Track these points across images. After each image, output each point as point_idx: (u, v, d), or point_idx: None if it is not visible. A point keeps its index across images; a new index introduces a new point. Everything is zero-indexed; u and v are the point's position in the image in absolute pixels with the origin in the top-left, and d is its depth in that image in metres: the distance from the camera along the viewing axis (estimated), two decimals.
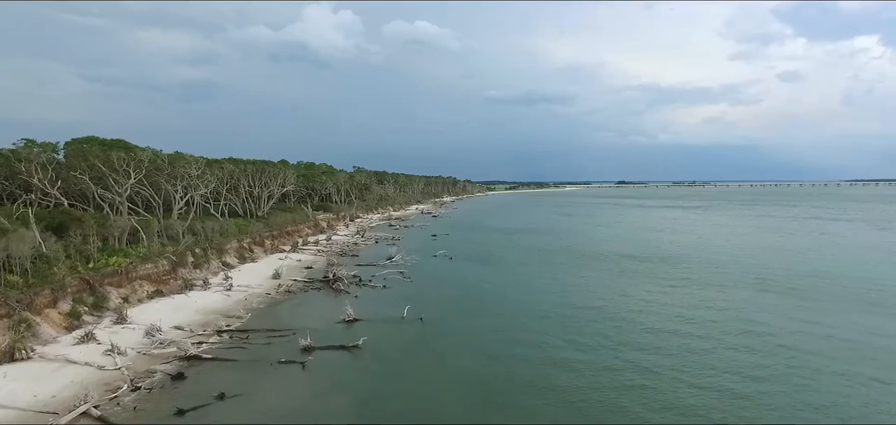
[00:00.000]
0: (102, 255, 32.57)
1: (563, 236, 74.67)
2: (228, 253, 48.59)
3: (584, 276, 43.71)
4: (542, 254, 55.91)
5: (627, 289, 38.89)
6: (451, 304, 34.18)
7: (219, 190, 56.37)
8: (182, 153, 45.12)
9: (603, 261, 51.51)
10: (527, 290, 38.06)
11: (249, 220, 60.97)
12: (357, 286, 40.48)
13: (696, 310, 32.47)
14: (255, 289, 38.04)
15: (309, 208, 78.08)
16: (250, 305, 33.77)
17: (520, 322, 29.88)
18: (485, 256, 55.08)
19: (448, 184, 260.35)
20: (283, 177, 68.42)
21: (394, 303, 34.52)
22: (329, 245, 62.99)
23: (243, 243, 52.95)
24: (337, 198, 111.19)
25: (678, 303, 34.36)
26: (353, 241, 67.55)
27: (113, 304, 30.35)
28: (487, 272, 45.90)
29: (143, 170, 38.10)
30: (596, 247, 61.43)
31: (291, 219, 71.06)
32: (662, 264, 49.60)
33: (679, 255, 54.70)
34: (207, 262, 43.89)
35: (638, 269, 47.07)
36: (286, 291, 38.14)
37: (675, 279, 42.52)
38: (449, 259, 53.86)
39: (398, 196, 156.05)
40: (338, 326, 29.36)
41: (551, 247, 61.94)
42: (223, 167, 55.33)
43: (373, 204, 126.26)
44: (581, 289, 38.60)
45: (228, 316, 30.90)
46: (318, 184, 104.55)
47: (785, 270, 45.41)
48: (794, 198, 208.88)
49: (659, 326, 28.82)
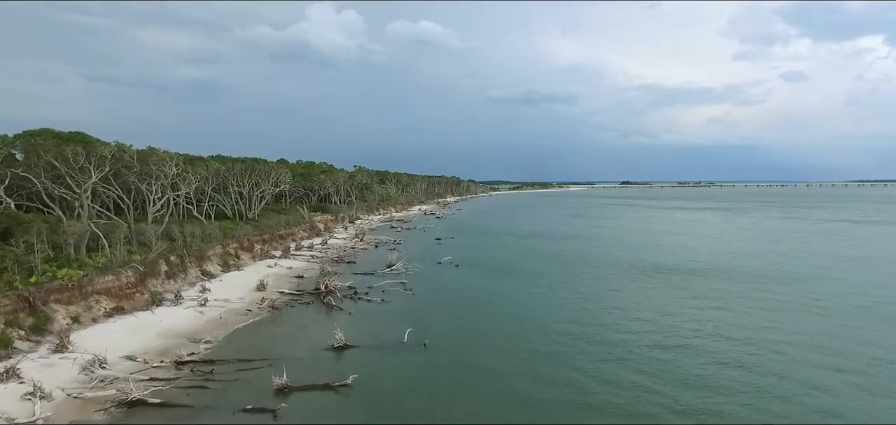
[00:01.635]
0: (51, 267, 27.65)
1: (580, 241, 68.66)
2: (210, 260, 43.72)
3: (618, 292, 37.39)
4: (560, 263, 50.50)
5: (684, 311, 31.63)
6: (460, 325, 29.15)
7: (204, 189, 51.52)
8: (155, 149, 40.29)
9: (638, 274, 44.35)
10: (549, 309, 32.76)
11: (238, 223, 56.14)
12: (352, 300, 35.54)
13: (807, 347, 24.34)
14: (233, 304, 33.13)
15: (305, 209, 73.21)
16: (225, 325, 28.84)
17: (545, 350, 24.81)
18: (495, 264, 49.89)
19: (451, 184, 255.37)
20: (276, 176, 63.53)
21: (393, 322, 29.55)
22: (324, 250, 58.05)
23: (228, 249, 48.07)
24: (336, 199, 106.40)
25: (775, 334, 26.29)
26: (350, 246, 62.61)
27: (59, 326, 25.49)
28: (500, 284, 40.70)
29: (107, 166, 33.21)
30: (623, 255, 54.83)
31: (285, 221, 66.20)
32: (722, 279, 41.52)
33: (736, 268, 46.73)
34: (184, 272, 39.01)
35: (691, 286, 38.78)
36: (270, 306, 33.20)
37: (748, 300, 34.20)
38: (455, 267, 48.83)
39: (400, 196, 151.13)
40: (325, 354, 24.41)
41: (569, 255, 56.22)
42: (208, 165, 50.48)
43: (374, 204, 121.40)
44: (618, 308, 32.57)
45: (195, 340, 25.97)
46: (316, 184, 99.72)
47: (886, 289, 37.24)
48: (807, 199, 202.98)
49: (767, 371, 21.78)
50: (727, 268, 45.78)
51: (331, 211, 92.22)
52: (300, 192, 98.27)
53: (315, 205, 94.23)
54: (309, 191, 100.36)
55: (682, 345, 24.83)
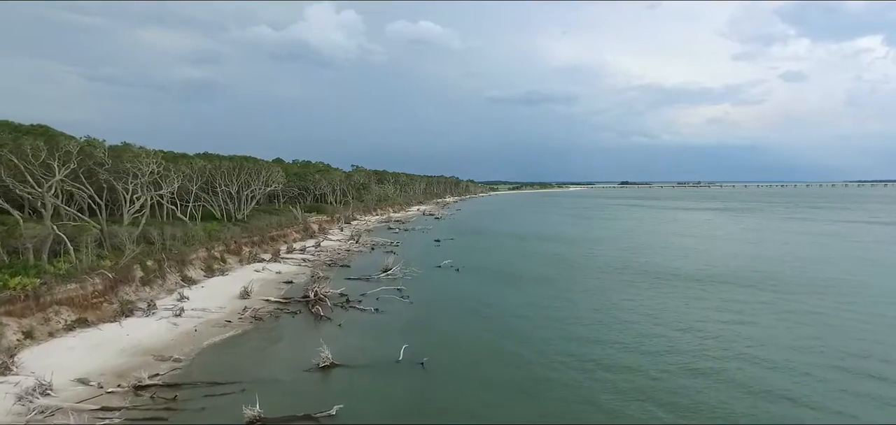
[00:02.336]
0: (2, 275, 24.64)
1: (586, 244, 65.07)
2: (193, 264, 40.72)
3: (633, 302, 33.95)
4: (567, 268, 47.36)
5: (708, 326, 27.79)
6: (462, 341, 26.17)
7: (188, 189, 48.50)
8: (130, 144, 37.25)
9: (653, 281, 40.49)
10: (559, 322, 29.65)
11: (226, 225, 53.11)
12: (343, 309, 32.56)
13: (856, 371, 21.12)
14: (212, 314, 30.13)
15: (298, 209, 70.20)
16: (199, 339, 25.86)
17: (556, 375, 21.85)
18: (499, 269, 46.85)
19: (450, 184, 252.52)
20: (267, 174, 60.52)
21: (387, 336, 26.58)
22: (317, 253, 55.07)
23: (213, 252, 45.07)
24: (332, 199, 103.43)
25: (817, 355, 23.04)
26: (345, 248, 59.63)
27: (7, 343, 22.49)
28: (504, 292, 37.64)
29: (72, 162, 30.17)
30: (634, 259, 51.24)
31: (277, 222, 63.20)
32: (744, 287, 37.50)
33: (756, 273, 42.67)
34: (162, 278, 36.00)
35: (711, 295, 35.02)
36: (253, 317, 30.21)
37: (778, 311, 30.49)
38: (455, 271, 45.83)
39: (398, 196, 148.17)
40: (308, 376, 21.44)
41: (576, 258, 52.99)
42: (192, 163, 47.44)
43: (371, 204, 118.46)
44: (635, 323, 29.23)
45: (163, 357, 22.97)
46: (311, 184, 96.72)
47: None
48: (810, 200, 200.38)
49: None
50: (747, 275, 42.65)
51: (326, 211, 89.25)
52: (295, 192, 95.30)
53: (310, 206, 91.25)
54: (304, 191, 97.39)
55: (712, 370, 21.83)
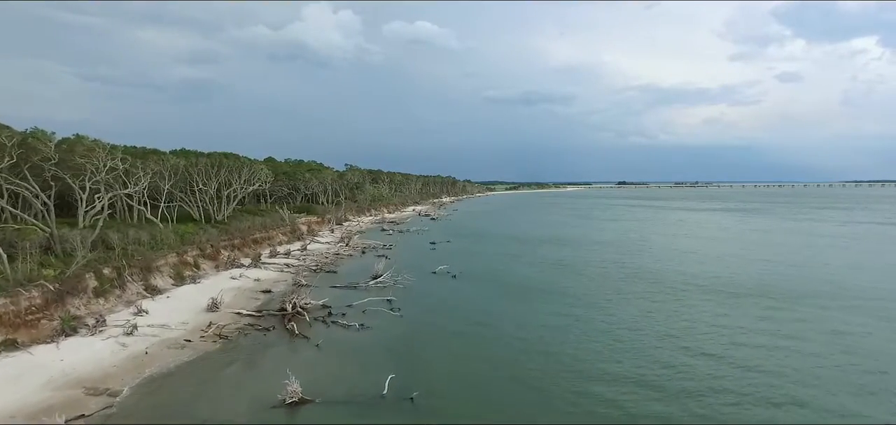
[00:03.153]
0: None
1: (593, 247, 60.53)
2: (160, 272, 36.62)
3: (654, 317, 29.68)
4: (575, 275, 43.07)
5: (756, 357, 22.34)
6: (459, 367, 22.18)
7: (159, 188, 44.37)
8: (83, 137, 33.13)
9: (674, 292, 35.70)
10: (574, 344, 25.46)
11: (204, 227, 49.01)
12: (324, 324, 28.57)
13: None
14: (171, 332, 26.08)
15: (285, 210, 66.10)
16: (148, 365, 21.81)
17: (577, 412, 17.93)
18: (498, 276, 42.83)
19: (447, 183, 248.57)
20: (249, 172, 56.38)
21: (372, 361, 22.60)
22: (303, 257, 51.00)
23: (186, 257, 40.97)
24: (324, 199, 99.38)
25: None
26: (334, 252, 55.56)
27: None
28: (506, 305, 33.58)
29: (11, 156, 26.07)
30: (649, 265, 46.71)
31: (261, 223, 59.10)
32: (779, 300, 32.45)
33: (787, 283, 37.80)
34: (121, 288, 31.91)
35: (746, 311, 29.94)
36: (218, 335, 26.18)
37: (828, 332, 25.99)
38: (452, 278, 41.83)
39: (393, 196, 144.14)
40: (271, 415, 17.45)
41: (583, 264, 48.63)
42: (164, 159, 43.29)
43: (365, 205, 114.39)
44: (662, 347, 24.50)
45: (96, 391, 18.93)
46: (301, 183, 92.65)
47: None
48: (813, 200, 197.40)
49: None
50: (777, 285, 37.86)
51: (317, 212, 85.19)
52: (284, 192, 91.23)
53: (300, 206, 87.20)
54: (294, 190, 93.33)
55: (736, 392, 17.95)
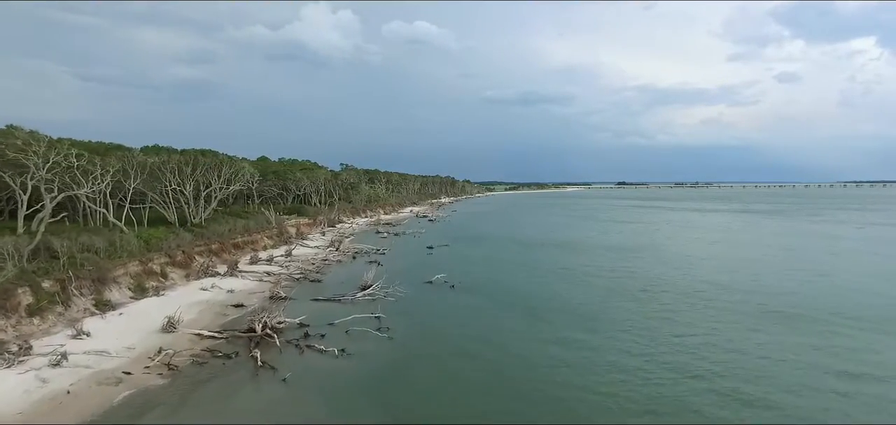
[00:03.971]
0: None
1: (605, 253, 54.98)
2: (118, 283, 32.16)
3: (691, 340, 24.48)
4: (587, 286, 37.96)
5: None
6: (459, 408, 17.70)
7: (124, 187, 39.87)
8: (16, 127, 28.56)
9: (704, 308, 30.30)
10: (598, 377, 20.98)
11: (177, 231, 44.51)
12: (297, 348, 24.11)
13: None
14: (110, 362, 21.61)
15: (271, 211, 61.61)
16: (65, 410, 17.33)
17: None
18: (502, 287, 38.24)
19: (446, 184, 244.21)
20: (230, 171, 51.90)
21: (349, 400, 18.15)
22: (287, 263, 46.52)
23: (151, 265, 36.49)
24: (317, 200, 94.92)
25: None
26: (322, 257, 51.08)
27: None
28: (513, 324, 28.89)
29: None
30: (669, 274, 41.07)
31: (243, 226, 54.62)
32: (840, 321, 27.18)
33: (839, 299, 32.24)
34: (65, 304, 27.46)
35: (801, 337, 24.53)
36: (166, 365, 21.69)
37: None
38: (450, 288, 37.33)
39: (390, 196, 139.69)
40: None
41: (596, 272, 43.50)
42: (129, 156, 38.78)
43: (360, 206, 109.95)
44: (709, 387, 19.42)
45: None
46: (292, 183, 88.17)
47: None
48: (819, 200, 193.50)
49: None
50: (822, 301, 31.84)
51: (308, 213, 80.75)
52: (274, 192, 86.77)
53: (290, 207, 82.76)
54: (284, 190, 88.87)
55: None
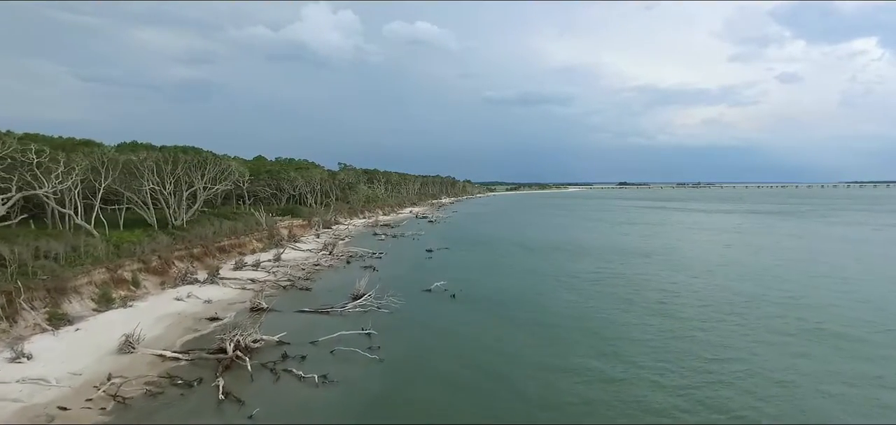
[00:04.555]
0: None
1: (620, 258, 49.82)
2: (79, 293, 28.78)
3: (756, 379, 19.97)
4: (605, 297, 33.38)
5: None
6: None
7: (94, 187, 36.49)
8: None
9: (757, 330, 25.18)
10: (637, 417, 17.32)
11: (155, 234, 41.13)
12: (272, 373, 20.67)
13: None
14: (46, 392, 18.21)
15: (261, 212, 58.20)
16: None
17: None
18: (510, 297, 34.43)
19: (447, 184, 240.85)
20: (215, 170, 48.48)
21: None
22: (275, 269, 43.11)
23: (122, 272, 33.11)
24: (312, 200, 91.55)
25: None
26: (313, 262, 47.64)
27: None
28: (524, 340, 25.23)
29: None
30: (699, 284, 36.48)
31: (230, 228, 51.24)
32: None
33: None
34: (12, 319, 24.10)
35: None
36: (113, 397, 18.27)
37: None
38: (451, 298, 33.78)
39: (389, 197, 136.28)
40: None
41: (614, 281, 39.08)
42: (97, 152, 35.38)
43: (358, 206, 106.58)
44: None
45: None
46: (286, 182, 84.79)
47: None
48: (826, 201, 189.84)
49: None
50: (869, 315, 28.02)
51: (302, 214, 77.37)
52: (267, 193, 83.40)
53: (284, 208, 79.42)
54: (279, 190, 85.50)
55: None
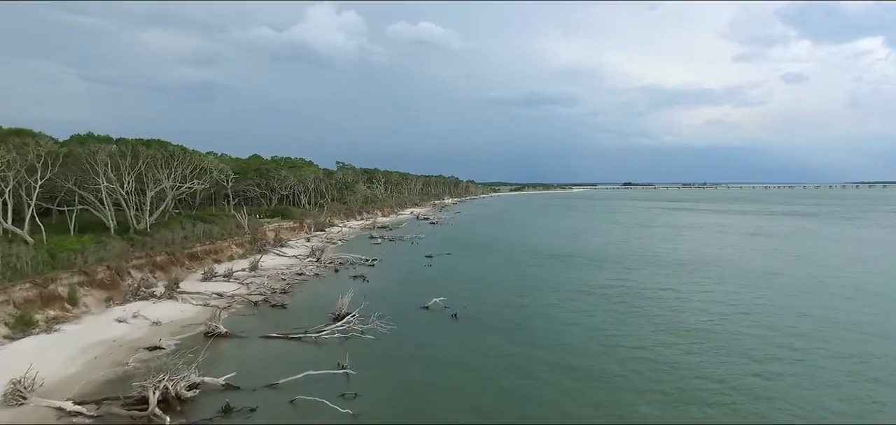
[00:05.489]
0: None
1: (649, 269, 42.76)
2: None
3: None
4: (640, 320, 27.33)
5: None
6: None
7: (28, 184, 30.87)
8: None
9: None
10: None
11: (107, 240, 35.51)
12: None
13: None
14: None
15: (244, 214, 52.54)
16: None
17: None
18: (523, 318, 28.02)
19: (450, 184, 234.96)
20: (185, 166, 42.80)
21: None
22: (249, 278, 37.41)
23: (55, 287, 27.49)
24: (306, 200, 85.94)
25: None
26: (296, 270, 41.89)
27: None
28: (544, 383, 19.28)
29: None
30: (761, 303, 30.37)
31: (206, 232, 45.60)
32: None
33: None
34: None
35: None
36: None
37: None
38: (452, 318, 27.87)
39: (389, 197, 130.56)
40: None
41: (644, 296, 33.11)
42: (32, 144, 29.67)
43: (355, 207, 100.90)
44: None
45: None
46: (276, 182, 79.17)
47: None
48: (838, 202, 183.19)
49: None
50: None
51: (293, 215, 71.74)
52: (256, 192, 77.84)
53: (274, 209, 73.80)
54: (268, 190, 79.91)
55: None
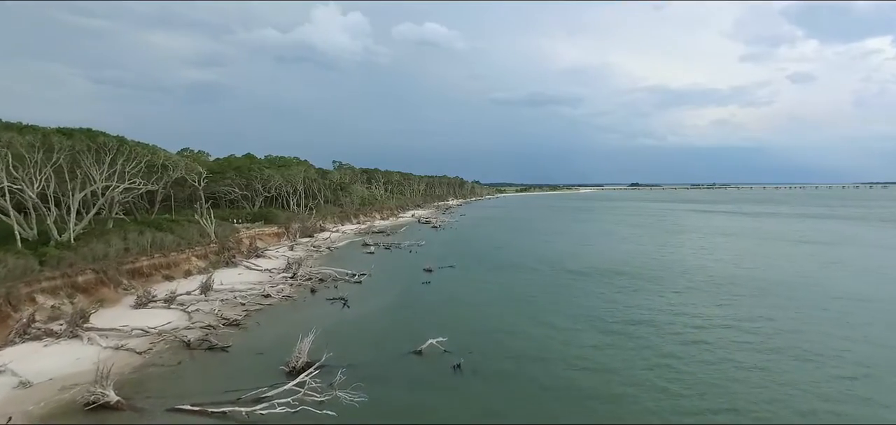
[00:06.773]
0: None
1: (713, 290, 34.17)
2: None
3: None
4: (733, 376, 20.75)
5: None
6: None
7: None
8: None
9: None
10: None
11: (24, 254, 27.62)
12: None
13: None
14: None
15: (209, 219, 44.60)
16: None
17: None
18: (558, 371, 20.25)
19: (454, 185, 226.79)
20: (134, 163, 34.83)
21: None
22: (196, 305, 29.39)
23: None
24: (294, 202, 78.04)
25: None
26: (265, 291, 33.81)
27: None
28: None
29: None
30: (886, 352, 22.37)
31: (158, 241, 37.69)
32: None
33: None
34: None
35: None
36: None
37: None
38: (453, 371, 19.67)
39: (389, 199, 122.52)
40: None
41: (710, 327, 25.82)
42: None
43: (351, 209, 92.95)
44: None
45: None
46: (259, 182, 71.26)
47: None
48: (862, 203, 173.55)
49: None
50: None
51: (278, 219, 63.84)
52: (236, 194, 70.02)
53: (256, 213, 65.93)
54: (252, 192, 72.08)
55: None
